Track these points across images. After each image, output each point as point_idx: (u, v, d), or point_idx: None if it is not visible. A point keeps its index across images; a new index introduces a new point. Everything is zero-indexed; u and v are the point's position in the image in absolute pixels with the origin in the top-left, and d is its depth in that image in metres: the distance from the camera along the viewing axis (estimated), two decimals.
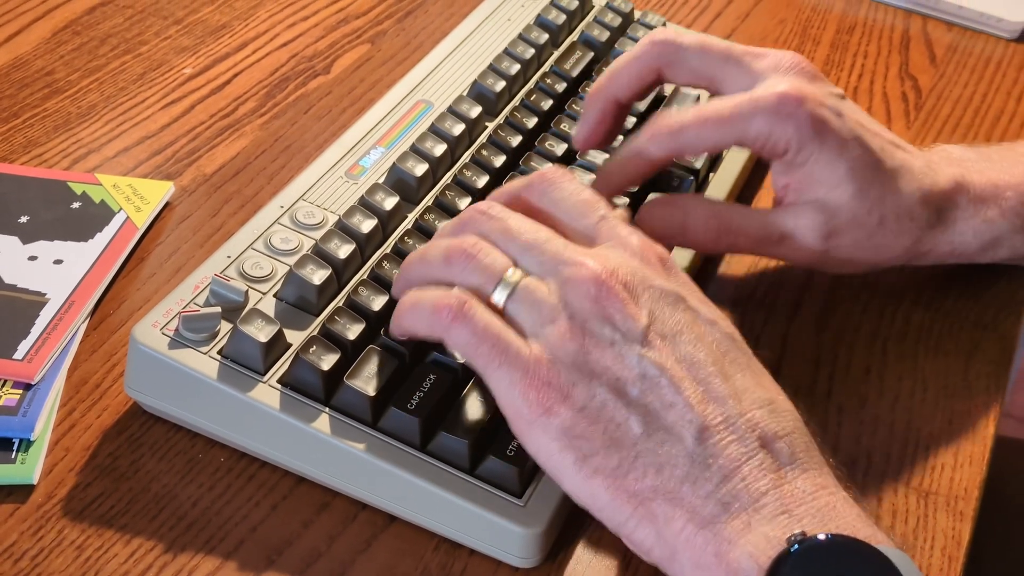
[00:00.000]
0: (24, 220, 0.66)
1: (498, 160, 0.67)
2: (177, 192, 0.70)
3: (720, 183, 0.71)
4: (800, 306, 0.68)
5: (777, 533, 0.46)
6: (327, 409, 0.54)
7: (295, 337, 0.56)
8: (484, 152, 0.67)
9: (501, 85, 0.72)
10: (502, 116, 0.71)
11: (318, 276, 0.57)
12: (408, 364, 0.55)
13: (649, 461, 0.47)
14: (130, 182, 0.69)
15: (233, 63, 0.80)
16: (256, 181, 0.71)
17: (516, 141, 0.68)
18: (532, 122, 0.70)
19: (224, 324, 0.55)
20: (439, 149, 0.66)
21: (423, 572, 0.52)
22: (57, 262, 0.63)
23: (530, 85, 0.73)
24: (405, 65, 0.81)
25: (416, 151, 0.66)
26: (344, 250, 0.59)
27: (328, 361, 0.54)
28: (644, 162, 0.62)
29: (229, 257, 0.59)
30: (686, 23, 0.90)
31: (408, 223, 0.63)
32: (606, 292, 0.49)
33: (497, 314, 0.50)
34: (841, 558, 0.45)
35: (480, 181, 0.65)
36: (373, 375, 0.54)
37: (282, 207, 0.62)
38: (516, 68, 0.73)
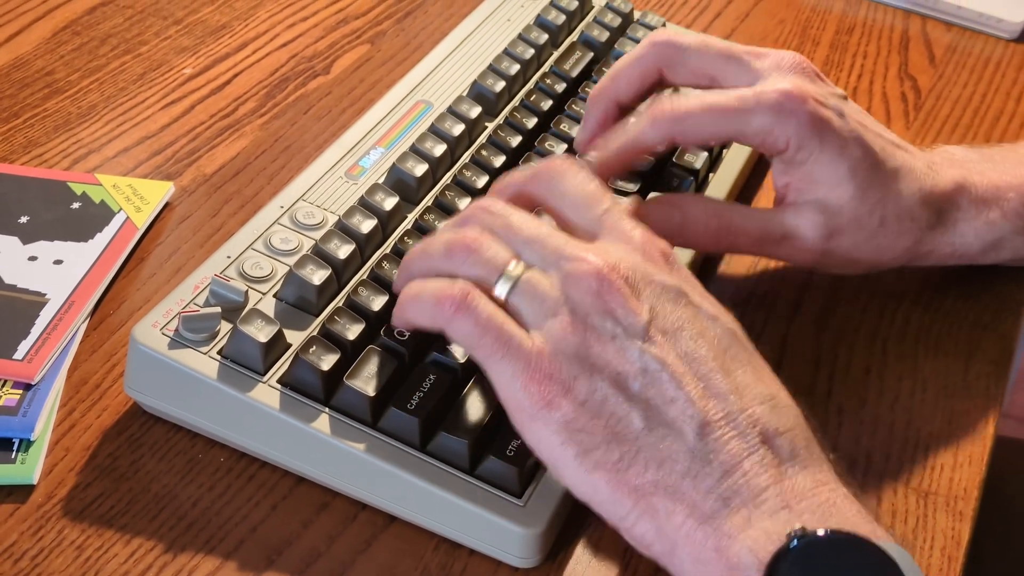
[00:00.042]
0: (24, 220, 0.66)
1: (498, 160, 0.67)
2: (177, 192, 0.70)
3: (720, 183, 0.71)
4: (800, 306, 0.68)
5: (777, 528, 0.46)
6: (327, 409, 0.54)
7: (295, 337, 0.56)
8: (484, 152, 0.67)
9: (501, 85, 0.72)
10: (502, 116, 0.71)
11: (318, 276, 0.57)
12: (408, 364, 0.55)
13: (650, 456, 0.48)
14: (130, 182, 0.69)
15: (233, 63, 0.80)
16: (256, 181, 0.71)
17: (516, 141, 0.68)
18: (532, 122, 0.70)
19: (224, 324, 0.56)
20: (439, 149, 0.66)
21: (423, 572, 0.52)
22: (57, 262, 0.63)
23: (530, 85, 0.74)
24: (405, 65, 0.81)
25: (416, 151, 0.66)
26: (344, 250, 0.59)
27: (328, 361, 0.54)
28: (641, 145, 0.61)
29: (229, 257, 0.59)
30: (686, 23, 0.90)
31: (408, 223, 0.63)
32: (607, 287, 0.49)
33: (499, 307, 0.51)
34: (841, 554, 0.45)
35: (480, 181, 0.65)
36: (373, 375, 0.54)
37: (282, 207, 0.62)
38: (516, 68, 0.73)
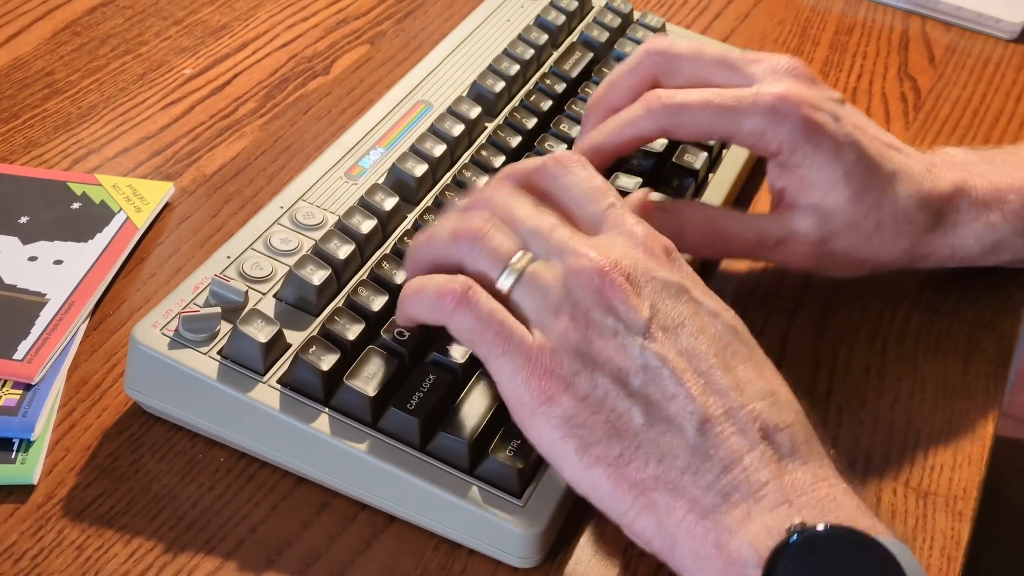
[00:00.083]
0: (24, 220, 0.66)
1: (497, 161, 0.67)
2: (177, 192, 0.70)
3: (719, 183, 0.71)
4: (800, 306, 0.68)
5: (777, 523, 0.46)
6: (327, 409, 0.54)
7: (295, 337, 0.56)
8: (484, 153, 0.67)
9: (501, 86, 0.72)
10: (501, 117, 0.71)
11: (318, 276, 0.57)
12: (408, 364, 0.55)
13: (650, 451, 0.48)
14: (130, 182, 0.69)
15: (233, 64, 0.80)
16: (256, 182, 0.71)
17: (516, 142, 0.68)
18: (532, 123, 0.70)
19: (224, 324, 0.56)
20: (439, 150, 0.66)
21: (423, 572, 0.53)
22: (57, 262, 0.63)
23: (529, 86, 0.74)
24: (404, 66, 0.81)
25: (416, 152, 0.66)
26: (344, 250, 0.59)
27: (328, 361, 0.54)
28: (634, 132, 0.62)
29: (229, 257, 0.59)
30: (685, 24, 0.90)
31: (407, 224, 0.63)
32: (609, 284, 0.50)
33: (501, 300, 0.51)
34: (841, 549, 0.45)
35: (480, 182, 0.65)
36: (373, 375, 0.54)
37: (282, 207, 0.62)
38: (516, 69, 0.73)
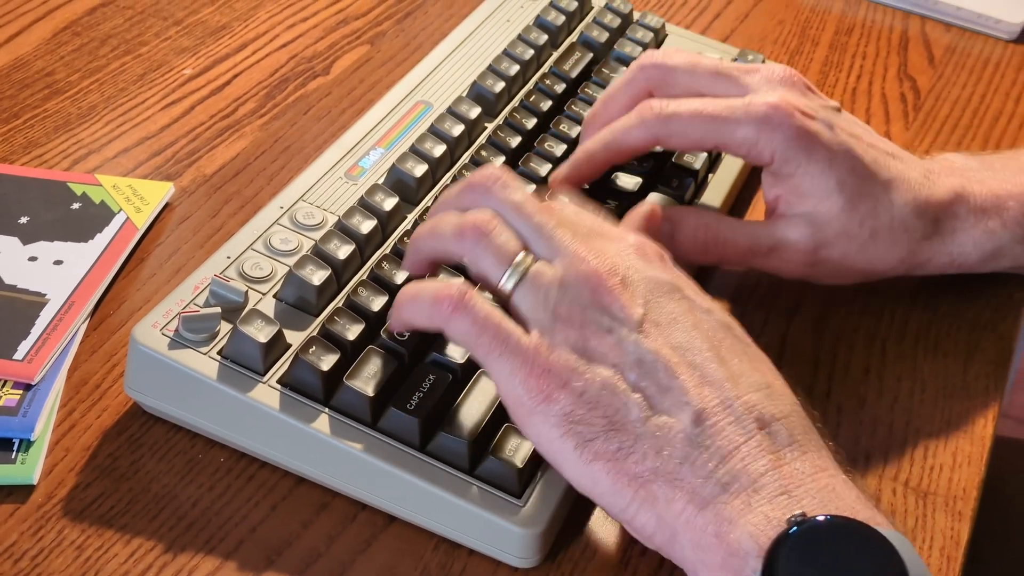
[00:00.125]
0: (24, 221, 0.66)
1: (497, 161, 0.67)
2: (177, 193, 0.70)
3: (719, 184, 0.71)
4: (799, 307, 0.68)
5: (777, 514, 0.46)
6: (327, 409, 0.54)
7: (295, 338, 0.56)
8: (483, 153, 0.67)
9: (500, 86, 0.72)
10: (501, 117, 0.71)
11: (318, 277, 0.57)
12: (407, 364, 0.55)
13: (648, 444, 0.48)
14: (130, 183, 0.69)
15: (233, 64, 0.80)
16: (256, 182, 0.71)
17: (515, 142, 0.68)
18: (531, 123, 0.70)
19: (224, 325, 0.56)
20: (438, 150, 0.66)
21: (422, 572, 0.53)
22: (57, 263, 0.63)
23: (529, 86, 0.74)
24: (404, 66, 0.81)
25: (415, 152, 0.66)
26: (344, 251, 0.59)
27: (328, 361, 0.54)
28: (627, 142, 0.62)
29: (229, 258, 0.59)
30: (685, 24, 0.91)
31: (407, 224, 0.63)
32: (605, 287, 0.50)
33: (503, 298, 0.52)
34: (841, 539, 0.45)
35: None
36: (372, 375, 0.54)
37: (282, 208, 0.62)
38: (515, 69, 0.73)
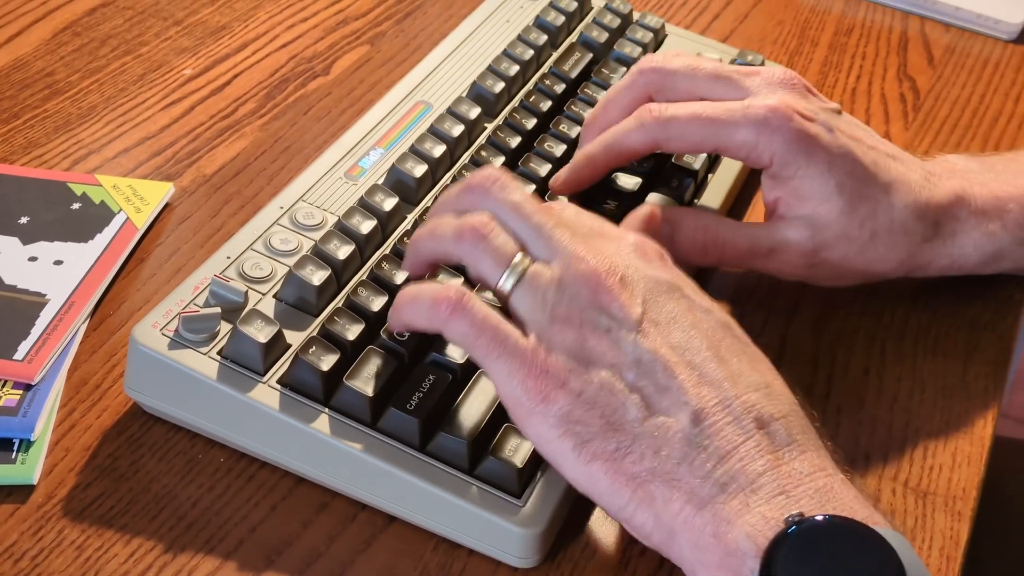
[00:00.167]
0: (24, 221, 0.66)
1: (497, 161, 0.67)
2: (177, 193, 0.70)
3: (719, 184, 0.71)
4: (799, 307, 0.68)
5: (775, 514, 0.46)
6: (326, 409, 0.54)
7: (295, 338, 0.56)
8: (483, 153, 0.67)
9: (500, 86, 0.72)
10: (501, 117, 0.71)
11: (317, 277, 0.57)
12: (407, 364, 0.55)
13: (646, 444, 0.48)
14: (130, 183, 0.69)
15: (233, 64, 0.80)
16: (256, 182, 0.71)
17: (515, 142, 0.68)
18: (531, 123, 0.70)
19: (224, 325, 0.56)
20: (438, 150, 0.66)
21: (422, 572, 0.53)
22: (57, 263, 0.63)
23: (529, 86, 0.74)
24: (404, 66, 0.81)
25: (415, 152, 0.66)
26: (343, 251, 0.59)
27: (328, 361, 0.54)
28: (626, 145, 0.63)
29: (229, 258, 0.59)
30: (684, 24, 0.91)
31: (407, 224, 0.63)
32: (603, 287, 0.50)
33: (502, 300, 0.52)
34: (839, 539, 0.45)
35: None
36: (372, 375, 0.54)
37: (282, 208, 0.62)
38: (515, 69, 0.73)
